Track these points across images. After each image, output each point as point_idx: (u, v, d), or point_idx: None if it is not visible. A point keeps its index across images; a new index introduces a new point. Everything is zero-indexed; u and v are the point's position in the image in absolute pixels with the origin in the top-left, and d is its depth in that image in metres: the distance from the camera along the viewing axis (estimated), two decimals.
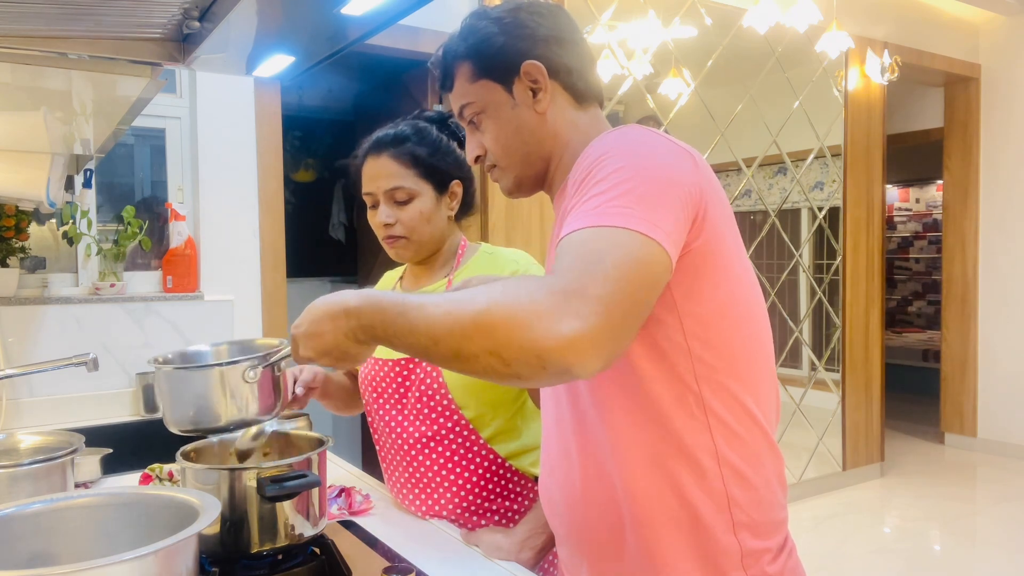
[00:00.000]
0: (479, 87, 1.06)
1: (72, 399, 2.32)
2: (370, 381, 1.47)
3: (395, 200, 1.40)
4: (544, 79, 1.04)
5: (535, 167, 1.09)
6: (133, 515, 0.95)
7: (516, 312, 0.76)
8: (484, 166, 1.12)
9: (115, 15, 1.07)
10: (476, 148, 1.10)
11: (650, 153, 0.91)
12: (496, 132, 1.07)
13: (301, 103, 4.74)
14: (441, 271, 1.47)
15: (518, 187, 1.13)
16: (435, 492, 1.38)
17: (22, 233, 2.34)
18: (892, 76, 4.62)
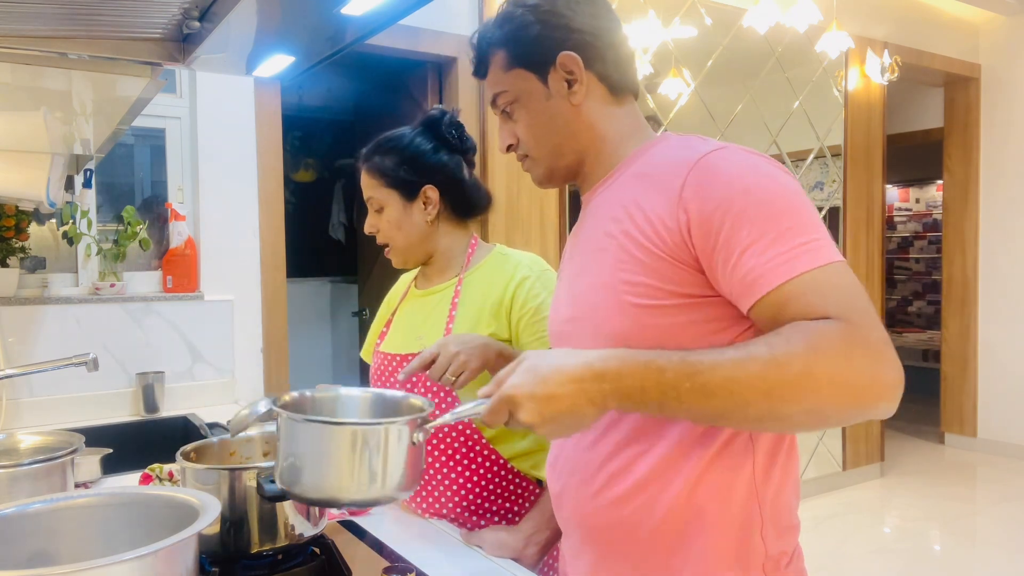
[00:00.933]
0: (513, 76, 1.05)
1: (72, 399, 2.32)
2: (379, 375, 1.50)
3: (373, 209, 1.48)
4: (580, 71, 1.02)
5: (567, 159, 1.08)
6: (133, 515, 0.95)
7: (840, 372, 0.77)
8: (516, 155, 1.11)
9: (115, 15, 1.07)
10: (508, 137, 1.09)
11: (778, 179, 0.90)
12: (529, 122, 1.06)
13: (301, 103, 4.74)
14: (449, 270, 1.49)
15: (549, 178, 1.11)
16: (435, 490, 1.39)
17: (22, 233, 2.34)
18: (892, 76, 4.62)
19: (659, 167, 0.96)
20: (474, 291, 1.43)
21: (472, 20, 3.20)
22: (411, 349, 1.44)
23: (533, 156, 1.09)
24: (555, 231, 3.42)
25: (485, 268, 1.46)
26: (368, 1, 0.94)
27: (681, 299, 0.90)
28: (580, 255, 1.06)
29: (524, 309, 1.38)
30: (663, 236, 0.90)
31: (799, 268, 0.82)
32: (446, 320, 1.41)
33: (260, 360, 2.74)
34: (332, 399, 1.07)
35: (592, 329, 0.97)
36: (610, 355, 0.83)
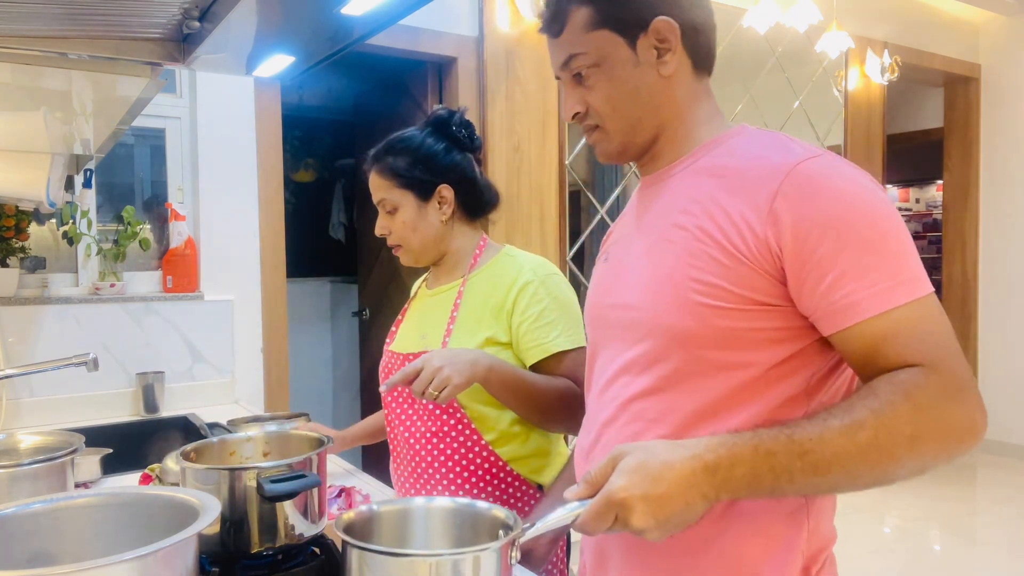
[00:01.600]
0: (596, 37, 0.95)
1: (72, 399, 2.32)
2: (384, 374, 1.50)
3: (386, 211, 1.46)
4: (676, 40, 0.94)
5: (644, 135, 1.00)
6: (133, 515, 0.95)
7: (944, 426, 0.78)
8: (582, 125, 1.01)
9: (115, 15, 1.07)
10: (576, 104, 0.99)
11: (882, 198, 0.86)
12: (609, 91, 0.97)
13: (301, 103, 4.74)
14: (456, 271, 1.49)
15: (620, 154, 1.02)
16: (435, 489, 1.39)
17: (22, 233, 2.34)
18: (892, 76, 4.62)
19: (745, 167, 0.90)
20: (477, 292, 1.42)
21: (472, 20, 3.20)
22: (414, 348, 1.44)
23: (607, 128, 0.99)
24: (555, 231, 3.42)
25: (490, 269, 1.45)
26: (368, 1, 0.94)
27: (750, 305, 0.87)
28: (642, 241, 1.00)
29: (525, 315, 1.36)
30: (747, 241, 0.86)
31: (896, 300, 0.80)
32: (448, 320, 1.41)
33: (260, 360, 2.73)
34: (401, 513, 0.95)
35: (649, 321, 0.94)
36: (717, 444, 0.79)
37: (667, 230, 0.95)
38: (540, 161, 3.37)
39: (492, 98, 3.21)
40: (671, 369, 0.92)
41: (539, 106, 3.35)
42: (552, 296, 1.39)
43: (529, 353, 1.37)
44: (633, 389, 0.96)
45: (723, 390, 0.89)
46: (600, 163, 5.74)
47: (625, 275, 1.01)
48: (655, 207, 1.00)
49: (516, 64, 3.28)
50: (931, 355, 0.79)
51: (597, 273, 1.10)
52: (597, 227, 3.81)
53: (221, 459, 1.26)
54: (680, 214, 0.94)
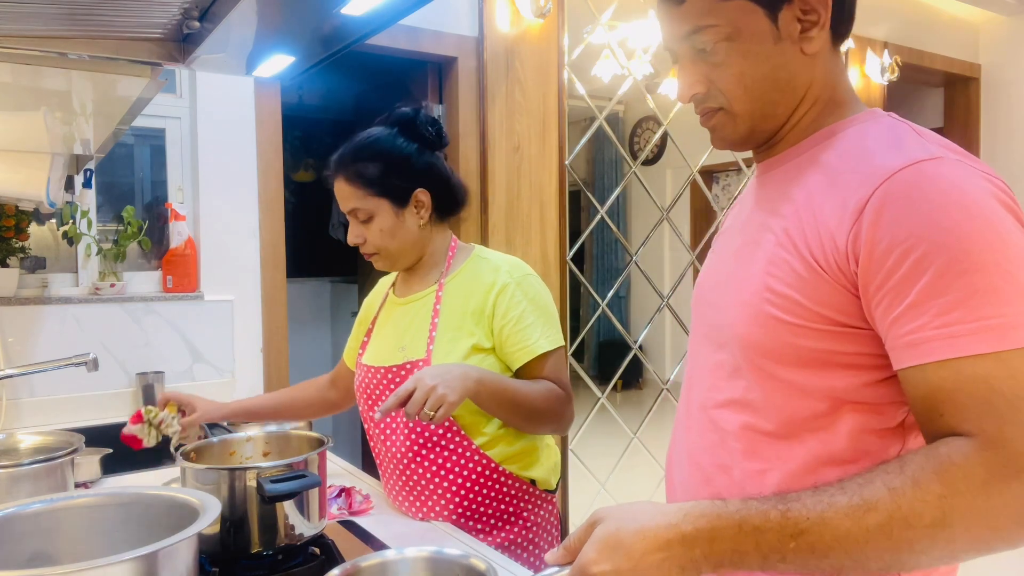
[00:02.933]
0: (731, 7, 0.82)
1: (72, 399, 2.32)
2: (364, 388, 1.48)
3: (359, 219, 1.40)
4: (825, 12, 0.83)
5: (776, 120, 0.88)
6: (133, 515, 0.95)
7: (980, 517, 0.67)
8: (699, 106, 0.89)
9: (115, 15, 1.07)
10: (697, 83, 0.87)
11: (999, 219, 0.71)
12: (742, 69, 0.84)
13: (301, 103, 4.75)
14: (430, 275, 1.47)
15: (745, 141, 0.90)
16: (429, 499, 1.39)
17: (22, 233, 2.34)
18: (892, 76, 4.62)
19: (847, 166, 0.80)
20: (455, 298, 1.40)
21: (472, 20, 3.20)
22: (394, 361, 1.41)
23: (736, 111, 0.87)
24: (555, 231, 3.42)
25: (465, 273, 1.43)
26: (368, 1, 0.94)
27: (828, 324, 0.77)
28: (738, 238, 0.92)
29: (507, 318, 1.36)
30: (826, 252, 0.77)
31: (969, 348, 0.67)
32: (428, 328, 1.39)
33: (260, 360, 2.74)
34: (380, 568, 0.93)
35: (728, 328, 0.87)
36: (698, 514, 0.71)
37: (755, 230, 0.87)
38: (540, 161, 3.37)
39: (492, 98, 3.21)
40: (747, 384, 0.86)
41: (539, 106, 3.35)
42: (529, 298, 1.38)
43: (514, 357, 1.37)
44: (715, 397, 0.91)
45: (801, 414, 0.82)
46: (601, 165, 5.65)
47: (720, 271, 0.95)
48: (758, 196, 0.92)
49: (516, 64, 3.28)
50: (993, 426, 0.66)
51: (706, 262, 1.03)
52: (597, 227, 3.81)
53: (221, 459, 1.26)
54: (771, 214, 0.86)
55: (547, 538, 1.46)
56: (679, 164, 4.13)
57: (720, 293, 0.92)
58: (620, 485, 3.60)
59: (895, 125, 0.84)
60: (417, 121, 1.42)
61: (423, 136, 1.42)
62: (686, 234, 5.90)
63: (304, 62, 1.22)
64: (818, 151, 0.86)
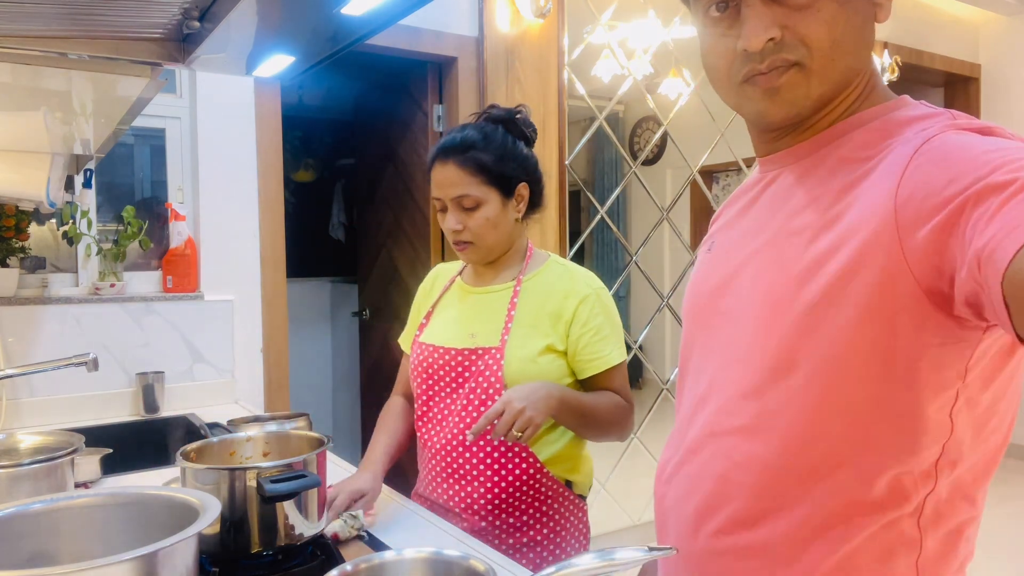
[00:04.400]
0: None
1: (72, 399, 2.32)
2: (425, 367, 1.48)
3: (463, 207, 1.42)
4: None
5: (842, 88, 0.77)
6: (133, 515, 0.95)
7: None
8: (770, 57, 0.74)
9: (115, 15, 1.07)
10: (773, 27, 0.72)
11: None
12: (835, 17, 0.72)
13: (301, 103, 4.75)
14: (508, 272, 1.50)
15: (812, 107, 0.77)
16: (468, 486, 1.41)
17: (22, 233, 2.34)
18: (892, 76, 4.61)
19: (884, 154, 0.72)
20: (532, 297, 1.45)
21: (472, 20, 3.20)
22: (464, 344, 1.45)
23: (813, 68, 0.74)
24: (555, 231, 3.42)
25: (544, 275, 1.48)
26: (368, 1, 0.94)
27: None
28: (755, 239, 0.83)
29: (586, 327, 1.41)
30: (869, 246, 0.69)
31: None
32: (505, 319, 1.43)
33: (260, 360, 2.74)
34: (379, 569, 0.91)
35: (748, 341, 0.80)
36: None
37: (780, 234, 0.79)
38: (540, 161, 3.36)
39: (492, 98, 3.21)
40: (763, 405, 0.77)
41: (539, 106, 3.35)
42: (607, 311, 1.44)
43: (588, 366, 1.42)
44: (724, 421, 0.82)
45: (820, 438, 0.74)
46: (601, 165, 5.64)
47: (732, 275, 0.85)
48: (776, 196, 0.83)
49: (516, 64, 3.28)
50: None
51: (703, 262, 0.94)
52: (597, 227, 3.80)
53: (221, 459, 1.26)
54: (796, 216, 0.77)
55: (574, 543, 1.48)
56: (679, 164, 4.13)
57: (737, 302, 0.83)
58: (620, 485, 3.60)
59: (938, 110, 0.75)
60: (517, 119, 1.47)
61: (523, 134, 1.48)
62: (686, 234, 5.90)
63: (304, 62, 1.22)
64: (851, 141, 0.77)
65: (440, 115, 3.28)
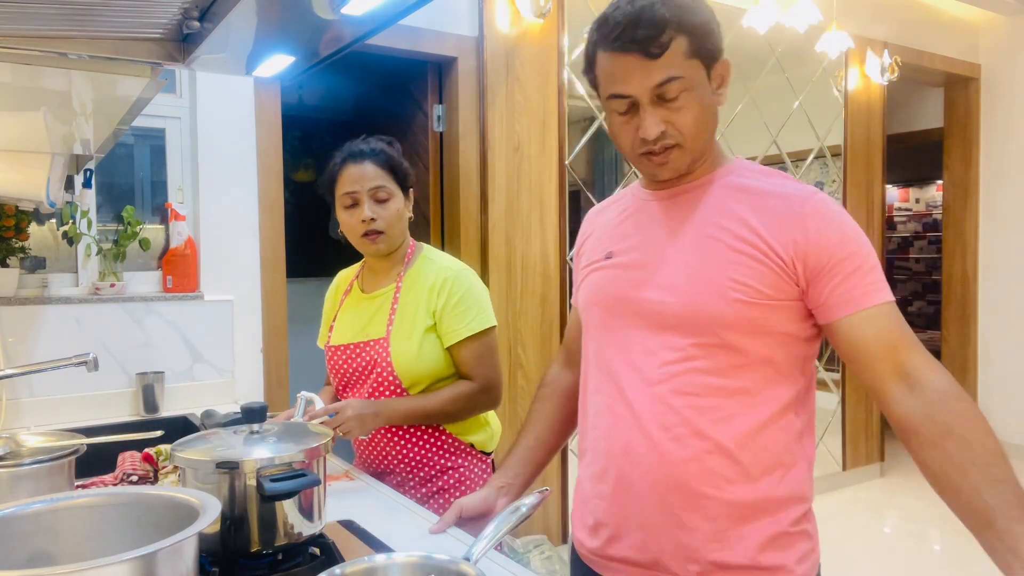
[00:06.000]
0: (692, 65, 1.09)
1: (72, 399, 2.32)
2: (336, 366, 1.78)
3: (377, 199, 1.67)
4: (728, 74, 1.14)
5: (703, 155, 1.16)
6: (133, 515, 0.95)
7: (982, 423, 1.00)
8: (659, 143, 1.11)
9: (115, 15, 1.07)
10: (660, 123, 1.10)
11: None
12: (698, 114, 1.10)
13: (301, 103, 4.74)
14: (394, 271, 1.76)
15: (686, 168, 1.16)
16: (384, 449, 1.70)
17: (22, 233, 2.34)
18: (892, 76, 4.62)
19: (768, 191, 1.11)
20: (410, 290, 1.71)
21: (472, 20, 3.20)
22: (358, 339, 1.73)
23: (687, 147, 1.12)
24: (555, 231, 3.42)
25: (416, 269, 1.73)
26: (368, 1, 0.94)
27: (770, 300, 1.07)
28: (674, 246, 1.15)
29: (449, 301, 1.66)
30: (776, 251, 1.06)
31: (887, 297, 1.09)
32: (389, 314, 1.70)
33: (260, 360, 2.74)
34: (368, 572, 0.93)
35: (690, 313, 1.10)
36: None
37: (702, 239, 1.11)
38: (540, 161, 3.37)
39: (492, 98, 3.21)
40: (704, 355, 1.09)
41: (539, 106, 3.35)
42: (465, 287, 1.68)
43: (445, 339, 1.67)
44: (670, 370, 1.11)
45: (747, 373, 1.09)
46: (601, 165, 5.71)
47: (658, 273, 1.15)
48: (684, 215, 1.15)
49: (516, 64, 3.28)
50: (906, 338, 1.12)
51: (607, 270, 1.22)
52: None
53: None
54: (713, 227, 1.11)
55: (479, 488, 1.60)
56: None
57: (675, 290, 1.12)
58: None
59: (758, 166, 1.19)
60: (393, 145, 1.75)
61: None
62: None
63: (304, 62, 1.22)
64: (731, 180, 1.15)
65: (440, 115, 3.28)
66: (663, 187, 1.19)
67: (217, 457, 1.08)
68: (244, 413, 1.18)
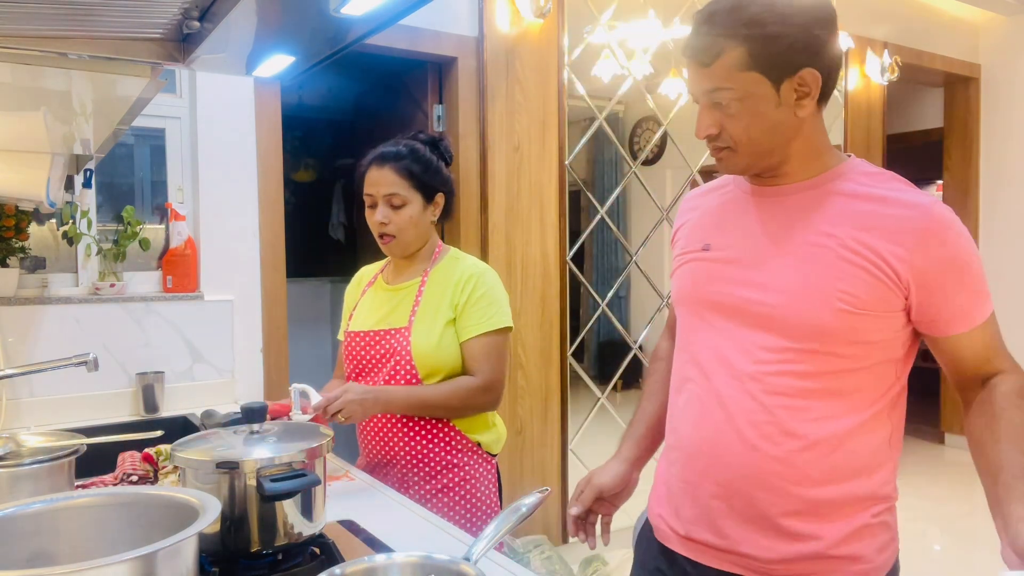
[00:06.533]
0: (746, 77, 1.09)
1: (72, 399, 2.32)
2: (351, 351, 1.77)
3: (391, 204, 1.71)
4: (816, 87, 1.10)
5: (772, 160, 1.15)
6: (133, 515, 0.95)
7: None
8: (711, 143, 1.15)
9: (115, 15, 1.07)
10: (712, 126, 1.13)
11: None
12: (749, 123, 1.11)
13: (301, 103, 4.75)
14: (419, 267, 1.79)
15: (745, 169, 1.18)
16: (389, 441, 1.71)
17: (22, 233, 2.34)
18: (892, 76, 4.62)
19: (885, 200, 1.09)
20: (435, 285, 1.74)
21: (472, 20, 3.20)
22: (379, 327, 1.75)
23: (739, 151, 1.14)
24: (555, 231, 3.42)
25: (443, 266, 1.77)
26: (368, 1, 0.94)
27: (875, 311, 1.08)
28: (779, 248, 1.14)
29: (472, 296, 1.70)
30: (889, 263, 1.06)
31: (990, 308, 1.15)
32: (412, 305, 1.73)
33: (260, 360, 2.74)
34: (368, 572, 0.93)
35: (793, 317, 1.10)
36: None
37: (810, 246, 1.11)
38: (540, 161, 3.37)
39: (492, 98, 3.21)
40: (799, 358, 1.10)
41: (539, 106, 3.35)
42: (488, 285, 1.72)
43: (461, 334, 1.70)
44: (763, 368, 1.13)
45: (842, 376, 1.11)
46: (601, 165, 5.67)
47: (759, 273, 1.15)
48: (790, 218, 1.15)
49: (516, 64, 3.28)
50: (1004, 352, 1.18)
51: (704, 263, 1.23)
52: (597, 227, 3.80)
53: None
54: (823, 235, 1.10)
55: (482, 488, 1.74)
56: (679, 164, 4.13)
57: (779, 293, 1.12)
58: None
59: (873, 168, 1.16)
60: (440, 144, 1.78)
61: (444, 156, 1.79)
62: None
63: (304, 62, 1.22)
64: (841, 184, 1.13)
65: (440, 115, 3.28)
66: (769, 184, 1.19)
67: (217, 457, 1.08)
68: (244, 413, 1.18)
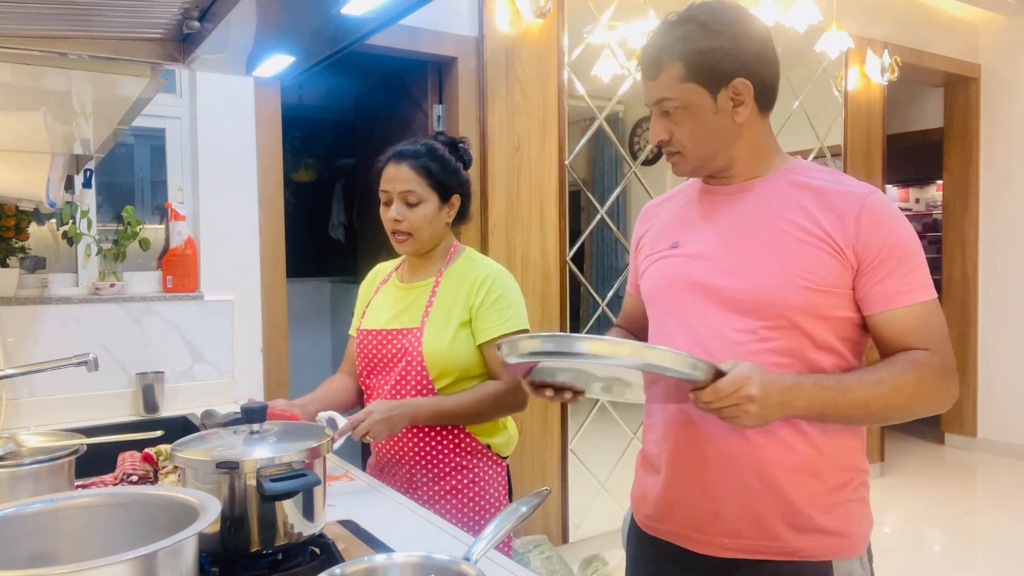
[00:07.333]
0: (686, 88, 1.21)
1: (72, 399, 2.32)
2: (363, 349, 1.76)
3: (407, 202, 1.70)
4: (749, 95, 1.21)
5: (718, 162, 1.27)
6: (133, 515, 0.95)
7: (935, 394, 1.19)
8: (664, 148, 1.28)
9: (115, 15, 1.07)
10: (663, 133, 1.25)
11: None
12: (692, 129, 1.23)
13: (301, 103, 4.75)
14: (433, 266, 1.77)
15: (693, 172, 1.30)
16: (398, 442, 1.70)
17: (22, 233, 2.34)
18: (892, 76, 4.62)
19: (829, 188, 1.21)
20: (450, 285, 1.73)
21: (472, 20, 3.20)
22: (391, 326, 1.74)
23: (687, 155, 1.26)
24: (555, 231, 3.42)
25: (458, 266, 1.76)
26: (368, 1, 0.94)
27: (832, 287, 1.18)
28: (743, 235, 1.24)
29: (488, 298, 1.69)
30: (837, 242, 1.17)
31: (925, 296, 1.18)
32: (426, 305, 1.72)
33: (260, 360, 2.74)
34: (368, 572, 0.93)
35: (765, 299, 1.20)
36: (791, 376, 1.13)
37: (771, 231, 1.22)
38: (540, 161, 3.37)
39: (492, 98, 3.21)
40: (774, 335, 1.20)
41: (539, 106, 3.35)
42: (505, 286, 1.72)
43: (478, 336, 1.69)
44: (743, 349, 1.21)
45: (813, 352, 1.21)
46: (601, 165, 5.70)
47: (728, 261, 1.24)
48: (748, 211, 1.25)
49: (516, 64, 3.28)
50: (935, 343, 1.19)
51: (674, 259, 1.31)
52: (597, 227, 3.80)
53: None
54: (782, 220, 1.21)
55: (491, 491, 1.73)
56: None
57: (755, 280, 1.21)
58: (620, 485, 3.60)
59: (817, 165, 1.30)
60: (459, 146, 1.79)
61: (463, 159, 1.78)
62: None
63: (304, 62, 1.22)
64: (792, 178, 1.25)
65: (440, 115, 3.28)
66: (723, 183, 1.30)
67: (217, 457, 1.08)
68: (244, 413, 1.18)
